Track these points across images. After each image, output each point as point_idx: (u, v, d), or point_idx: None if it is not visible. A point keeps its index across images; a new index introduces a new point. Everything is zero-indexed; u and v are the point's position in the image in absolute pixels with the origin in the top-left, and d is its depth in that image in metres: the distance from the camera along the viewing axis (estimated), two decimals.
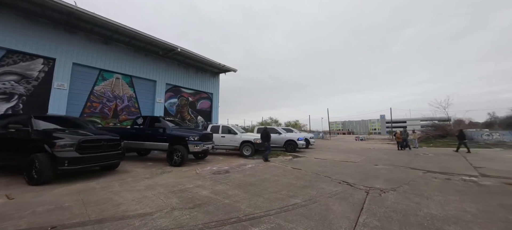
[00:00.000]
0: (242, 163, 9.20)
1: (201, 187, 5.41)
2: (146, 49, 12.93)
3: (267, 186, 5.54)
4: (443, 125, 28.25)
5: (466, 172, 7.55)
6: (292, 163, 9.33)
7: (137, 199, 4.46)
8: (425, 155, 12.65)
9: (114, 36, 11.56)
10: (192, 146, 8.50)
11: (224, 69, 16.11)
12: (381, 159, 10.93)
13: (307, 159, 10.73)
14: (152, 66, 13.38)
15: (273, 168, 8.03)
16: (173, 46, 12.60)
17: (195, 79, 15.67)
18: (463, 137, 14.90)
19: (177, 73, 14.64)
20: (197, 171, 7.44)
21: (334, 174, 7.04)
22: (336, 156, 11.82)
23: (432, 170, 7.73)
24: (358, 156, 12.19)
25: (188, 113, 15.18)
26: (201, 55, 14.07)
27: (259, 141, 11.29)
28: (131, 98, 12.50)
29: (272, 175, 6.87)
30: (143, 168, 7.87)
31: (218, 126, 12.12)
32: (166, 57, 13.88)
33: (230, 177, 6.51)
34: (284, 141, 13.65)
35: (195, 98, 15.72)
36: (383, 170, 7.70)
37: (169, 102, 14.21)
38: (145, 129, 9.21)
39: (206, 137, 9.26)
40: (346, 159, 10.60)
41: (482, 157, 11.98)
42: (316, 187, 5.42)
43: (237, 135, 11.60)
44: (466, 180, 6.20)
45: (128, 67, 12.36)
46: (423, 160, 10.49)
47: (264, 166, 8.58)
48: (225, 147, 11.78)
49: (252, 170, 7.64)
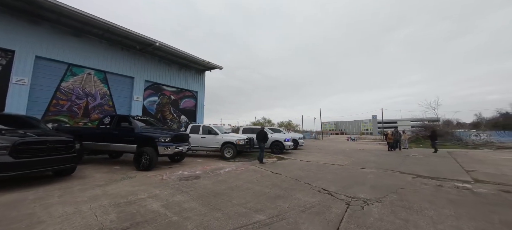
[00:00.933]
0: (219, 167, 8.33)
1: (156, 197, 4.53)
2: (122, 43, 11.91)
3: (234, 196, 4.70)
4: (432, 126, 28.02)
5: (458, 176, 6.89)
6: (274, 166, 8.52)
7: (66, 216, 3.57)
8: (415, 157, 12.04)
9: (85, 28, 10.53)
10: (162, 148, 7.58)
11: (209, 66, 15.19)
12: (370, 161, 10.24)
13: (292, 161, 9.94)
14: (130, 62, 12.37)
15: (251, 173, 7.20)
16: (151, 40, 11.63)
17: (178, 77, 14.70)
18: (435, 137, 15.15)
19: (158, 69, 13.65)
20: (164, 176, 6.54)
21: (316, 179, 6.25)
22: (323, 158, 11.08)
23: (422, 175, 7.03)
24: (346, 158, 11.48)
25: (170, 112, 14.21)
26: (182, 50, 13.13)
27: (242, 141, 10.47)
28: (104, 96, 11.46)
29: (246, 181, 6.03)
30: (104, 173, 6.93)
31: (198, 126, 11.21)
32: (145, 53, 12.89)
33: (197, 184, 5.65)
34: (270, 142, 12.84)
35: (178, 96, 14.75)
36: (370, 175, 6.96)
37: (149, 100, 13.22)
38: (111, 129, 8.24)
39: (179, 138, 8.36)
40: (333, 162, 9.86)
41: (472, 158, 11.45)
42: (291, 197, 4.61)
43: (218, 135, 10.72)
44: (460, 187, 5.50)
45: (101, 62, 11.33)
46: (412, 163, 9.84)
47: (242, 170, 7.74)
48: (206, 148, 10.89)
49: (226, 175, 6.79)
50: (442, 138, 24.73)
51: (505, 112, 40.35)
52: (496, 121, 38.15)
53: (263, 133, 9.63)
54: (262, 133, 9.57)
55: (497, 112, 40.88)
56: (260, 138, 9.33)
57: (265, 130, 10.23)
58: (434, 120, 32.72)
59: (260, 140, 9.30)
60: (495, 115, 40.41)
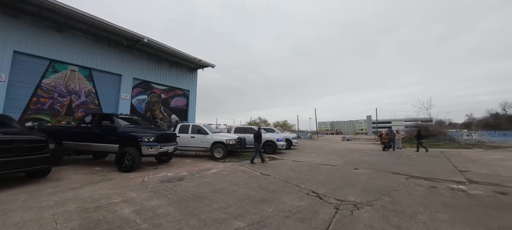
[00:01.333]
0: (207, 167, 7.96)
1: (130, 202, 4.15)
2: (109, 39, 11.42)
3: (216, 199, 4.35)
4: (426, 126, 28.15)
5: (452, 177, 6.66)
6: (264, 167, 8.18)
7: (22, 223, 3.18)
8: (409, 157, 11.86)
9: (68, 22, 10.02)
10: (145, 149, 7.16)
11: (200, 64, 14.78)
12: (363, 161, 10.00)
13: (284, 162, 9.63)
14: (117, 59, 11.87)
15: (239, 174, 6.84)
16: (139, 36, 11.17)
17: (168, 75, 14.24)
18: (421, 137, 15.51)
19: (148, 67, 13.17)
20: (145, 178, 6.14)
21: (306, 181, 5.94)
22: (316, 158, 10.80)
23: (415, 175, 6.79)
24: (339, 158, 11.22)
25: (160, 111, 13.74)
26: (172, 47, 12.69)
27: (232, 141, 10.11)
28: (89, 94, 10.96)
29: (232, 183, 5.68)
30: (83, 175, 6.49)
31: (187, 125, 10.80)
32: (134, 49, 12.40)
33: (179, 187, 5.27)
34: (263, 142, 12.49)
35: (168, 95, 14.29)
36: (362, 176, 6.68)
37: (138, 98, 12.74)
38: (92, 128, 7.78)
39: (165, 137, 7.95)
40: (326, 162, 9.57)
41: (465, 158, 11.32)
42: (277, 201, 4.27)
43: (208, 135, 10.33)
44: (454, 188, 5.25)
45: (86, 59, 10.82)
46: (406, 163, 9.63)
47: (230, 171, 7.38)
48: (195, 148, 10.49)
49: (212, 177, 6.42)
50: (435, 138, 24.83)
51: (495, 113, 41.11)
52: (487, 122, 38.82)
53: (258, 133, 9.44)
54: (257, 133, 9.39)
55: (488, 113, 41.65)
56: (256, 138, 9.20)
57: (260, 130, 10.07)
58: (427, 120, 32.93)
59: (256, 140, 9.17)
60: (485, 115, 41.32)
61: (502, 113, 38.97)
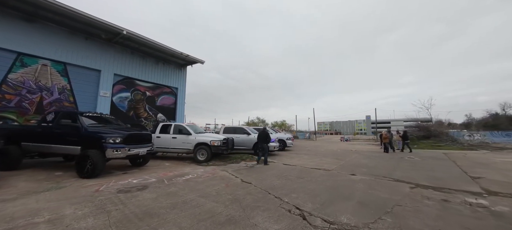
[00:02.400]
0: (184, 172, 6.95)
1: (56, 222, 3.18)
2: (86, 31, 10.41)
3: (169, 218, 3.34)
4: (427, 126, 27.00)
5: (465, 186, 5.61)
6: (249, 172, 7.15)
7: None
8: (411, 159, 10.80)
9: (39, 12, 9.03)
10: (110, 151, 6.15)
11: (188, 59, 13.75)
12: (361, 165, 8.95)
13: (273, 165, 8.59)
14: (96, 53, 10.87)
15: (216, 182, 5.82)
16: (118, 28, 10.17)
17: (154, 71, 13.23)
18: (406, 137, 15.49)
19: (131, 63, 12.17)
20: (102, 187, 5.13)
21: (292, 191, 4.91)
22: (309, 161, 9.76)
23: (422, 184, 5.74)
24: (335, 160, 10.17)
25: (144, 110, 12.73)
26: (157, 41, 11.68)
27: (217, 142, 9.10)
28: (64, 90, 9.95)
29: (201, 194, 4.65)
30: (33, 182, 5.51)
31: (169, 125, 9.78)
32: (115, 43, 11.40)
33: (134, 199, 4.26)
34: (253, 143, 11.48)
35: (154, 92, 13.28)
36: (359, 184, 5.64)
37: (119, 96, 11.73)
38: (53, 127, 6.78)
39: (135, 138, 6.94)
40: (320, 166, 8.53)
41: (473, 161, 10.24)
42: (246, 222, 3.25)
43: (190, 136, 9.32)
44: (473, 204, 4.20)
45: (60, 52, 9.82)
46: (409, 166, 8.58)
47: (207, 177, 6.35)
48: (177, 150, 9.47)
49: (183, 185, 5.40)
50: (436, 139, 23.72)
51: (495, 113, 40.09)
52: (486, 122, 37.81)
53: (265, 133, 8.80)
54: (263, 133, 8.76)
55: (487, 113, 40.62)
56: (262, 139, 8.59)
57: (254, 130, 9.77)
58: (427, 120, 31.80)
59: (261, 141, 8.57)
60: (485, 115, 40.44)
61: (502, 113, 38.05)
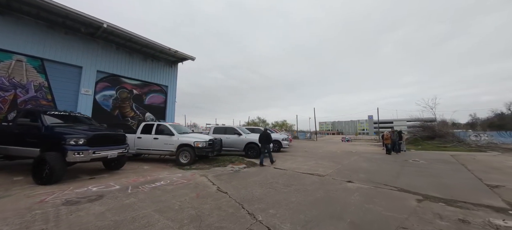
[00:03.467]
0: (159, 178, 6.08)
1: None
2: (65, 25, 9.66)
3: None
4: (431, 126, 25.65)
5: (483, 198, 4.60)
6: (230, 178, 6.23)
7: None
8: (416, 163, 9.73)
9: (12, 4, 8.30)
10: (71, 154, 5.32)
11: (177, 56, 12.90)
12: (360, 169, 7.95)
13: (262, 170, 7.66)
14: (77, 48, 10.10)
15: (187, 190, 4.92)
16: (97, 22, 9.38)
17: (142, 68, 12.43)
18: (400, 137, 14.77)
19: (116, 59, 11.38)
20: (50, 197, 4.29)
21: (271, 205, 3.98)
22: (303, 165, 8.80)
23: (431, 195, 4.74)
24: (332, 164, 9.18)
25: (131, 109, 11.93)
26: (142, 36, 10.87)
27: (202, 143, 8.22)
28: (41, 88, 9.20)
29: (160, 208, 3.76)
30: None
31: (151, 125, 8.94)
32: (97, 38, 10.62)
33: (74, 215, 3.43)
34: (244, 144, 10.57)
35: (142, 90, 12.47)
36: (355, 195, 4.67)
37: (103, 94, 10.94)
38: (12, 127, 5.99)
39: (104, 139, 6.09)
40: (313, 170, 7.57)
41: (485, 165, 9.13)
42: None
43: (173, 136, 8.45)
44: (501, 227, 3.20)
45: (37, 48, 9.07)
46: (414, 172, 7.55)
47: (180, 184, 5.46)
48: (158, 152, 8.62)
49: (147, 195, 4.52)
50: (442, 139, 22.42)
51: (500, 112, 38.45)
52: (492, 122, 36.25)
53: (266, 134, 8.59)
54: (264, 134, 8.56)
55: (492, 113, 39.00)
56: (263, 140, 8.43)
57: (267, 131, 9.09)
58: (431, 120, 30.41)
59: (263, 142, 8.41)
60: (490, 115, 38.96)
61: (508, 113, 36.51)
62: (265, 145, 8.37)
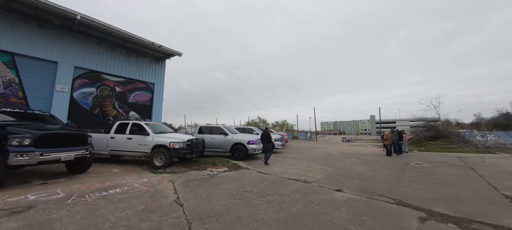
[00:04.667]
0: (118, 184, 5.21)
1: None
2: (38, 18, 8.91)
3: None
4: (435, 126, 24.28)
5: (505, 216, 3.57)
6: (200, 185, 5.30)
7: None
8: (418, 167, 8.65)
9: None
10: (13, 156, 4.50)
11: (162, 51, 12.08)
12: (355, 174, 6.95)
13: (242, 174, 6.72)
14: (53, 43, 9.36)
15: (136, 201, 4.02)
16: (70, 13, 8.59)
17: (126, 65, 11.64)
18: (401, 138, 13.50)
19: (97, 54, 10.61)
20: None
21: (227, 225, 3.05)
22: (293, 168, 7.83)
23: (437, 212, 3.73)
24: (325, 167, 8.19)
25: (113, 108, 11.14)
26: (121, 29, 10.07)
27: (179, 144, 7.34)
28: (11, 84, 8.46)
29: (78, 229, 2.86)
30: None
31: (126, 124, 8.10)
32: (76, 32, 9.87)
33: None
34: (231, 145, 9.64)
35: (126, 88, 11.68)
36: (341, 212, 3.69)
37: (82, 92, 10.17)
38: None
39: (56, 139, 5.25)
40: (301, 175, 6.60)
41: (497, 169, 8.01)
42: None
43: (147, 136, 7.59)
44: None
45: (7, 41, 8.35)
46: (416, 178, 6.50)
47: (132, 194, 4.56)
48: (132, 153, 7.77)
49: (83, 207, 3.64)
50: (446, 140, 21.07)
51: (506, 112, 36.72)
52: (497, 121, 34.58)
53: (266, 134, 8.63)
54: (265, 134, 8.62)
55: (498, 112, 37.28)
56: (264, 139, 8.53)
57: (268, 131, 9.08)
58: (435, 119, 28.93)
59: (264, 141, 8.51)
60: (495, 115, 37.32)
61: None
62: (266, 144, 8.39)
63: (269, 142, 8.68)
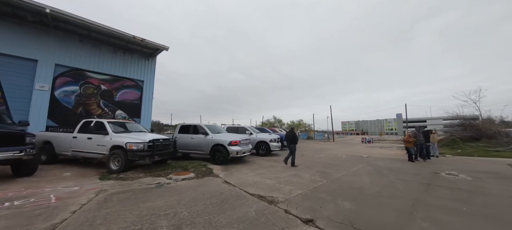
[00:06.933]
0: (43, 192, 4.05)
1: None
2: (16, 15, 8.48)
3: None
4: (476, 124, 19.80)
5: None
6: (119, 202, 3.84)
7: None
8: (452, 179, 6.16)
9: None
10: None
11: (150, 46, 11.09)
12: (352, 190, 4.92)
13: (201, 183, 5.15)
14: (32, 40, 8.91)
15: (12, 222, 2.71)
16: (39, 6, 7.95)
17: (112, 62, 10.92)
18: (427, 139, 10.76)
19: (80, 51, 10.01)
20: None
21: None
22: (273, 176, 6.04)
23: None
24: (317, 177, 6.22)
25: (98, 106, 10.45)
26: (99, 23, 9.26)
27: (137, 145, 6.08)
28: None
29: None
30: None
31: (89, 122, 7.12)
32: (56, 29, 9.33)
33: None
34: (210, 146, 8.14)
35: (112, 86, 10.95)
36: None
37: (64, 90, 9.61)
38: None
39: None
40: (272, 190, 4.81)
41: None
42: None
43: (106, 136, 6.47)
44: None
45: None
46: (447, 201, 4.24)
47: (8, 213, 3.29)
48: (91, 154, 6.73)
49: None
50: (492, 141, 16.86)
51: None
52: None
53: (291, 134, 8.13)
54: (290, 134, 8.15)
55: None
56: (289, 139, 8.07)
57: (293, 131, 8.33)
58: (473, 117, 23.84)
59: (289, 141, 8.03)
60: None
61: None
62: (290, 145, 7.94)
63: (294, 143, 7.99)
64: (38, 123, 8.65)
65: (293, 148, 7.93)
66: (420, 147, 10.02)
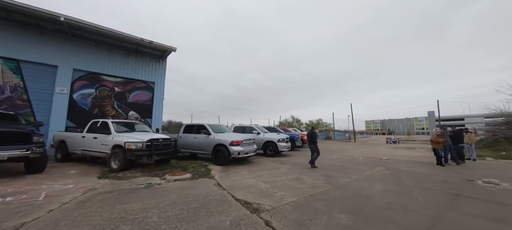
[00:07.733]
0: (27, 190, 4.15)
1: None
2: (38, 26, 9.23)
3: None
4: None
5: None
6: (99, 202, 3.69)
7: None
8: (491, 189, 5.00)
9: None
10: None
11: (159, 48, 11.29)
12: (355, 200, 4.21)
13: (192, 185, 4.87)
14: (53, 48, 9.61)
15: None
16: (53, 15, 8.48)
17: (125, 65, 11.36)
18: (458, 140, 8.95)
19: (95, 56, 10.57)
20: None
21: None
22: (270, 179, 5.54)
23: None
24: (320, 181, 5.56)
25: (112, 108, 10.93)
26: (110, 28, 9.65)
27: (136, 145, 6.07)
28: (16, 88, 8.92)
29: None
30: None
31: (96, 122, 7.35)
32: (74, 36, 9.98)
33: None
34: (212, 147, 7.89)
35: (125, 88, 11.38)
36: None
37: (81, 93, 10.21)
38: None
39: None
40: (264, 196, 4.33)
41: None
42: None
43: (108, 136, 6.59)
44: None
45: (13, 49, 8.84)
46: (478, 216, 3.32)
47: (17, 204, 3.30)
48: (96, 153, 6.92)
49: None
50: None
51: None
52: None
53: (311, 133, 7.95)
54: (311, 132, 7.95)
55: None
56: (309, 139, 7.91)
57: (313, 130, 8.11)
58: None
59: (310, 141, 7.83)
60: None
61: None
62: (311, 145, 7.74)
63: (314, 143, 7.74)
64: (58, 124, 9.30)
65: (313, 148, 7.65)
66: (449, 148, 8.59)
